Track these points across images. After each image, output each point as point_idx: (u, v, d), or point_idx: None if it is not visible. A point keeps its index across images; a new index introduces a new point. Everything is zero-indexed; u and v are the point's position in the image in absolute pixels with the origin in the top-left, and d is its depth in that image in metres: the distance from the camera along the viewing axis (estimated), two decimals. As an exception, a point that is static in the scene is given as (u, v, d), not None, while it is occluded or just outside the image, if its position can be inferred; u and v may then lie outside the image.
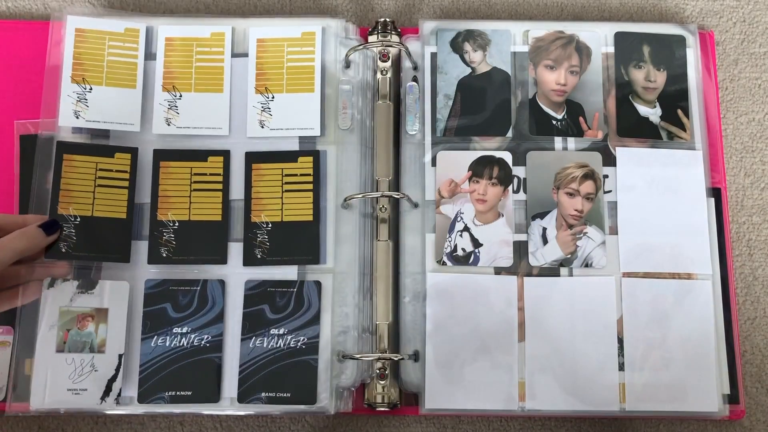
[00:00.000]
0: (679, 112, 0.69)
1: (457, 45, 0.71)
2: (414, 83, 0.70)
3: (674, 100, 0.70)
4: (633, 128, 0.69)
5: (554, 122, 0.69)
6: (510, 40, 0.71)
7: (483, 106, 0.69)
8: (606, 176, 0.68)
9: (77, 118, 0.68)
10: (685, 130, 0.69)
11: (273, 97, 0.70)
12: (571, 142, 0.69)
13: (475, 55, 0.70)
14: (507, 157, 0.68)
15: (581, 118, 0.69)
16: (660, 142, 0.69)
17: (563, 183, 0.68)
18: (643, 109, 0.70)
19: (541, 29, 0.71)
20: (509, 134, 0.69)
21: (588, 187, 0.68)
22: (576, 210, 0.67)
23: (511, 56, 0.71)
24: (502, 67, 0.70)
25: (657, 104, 0.70)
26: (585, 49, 0.71)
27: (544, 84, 0.70)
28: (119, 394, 0.64)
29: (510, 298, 0.65)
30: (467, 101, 0.69)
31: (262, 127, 0.69)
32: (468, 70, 0.70)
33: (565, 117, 0.69)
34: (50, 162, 0.67)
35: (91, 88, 0.69)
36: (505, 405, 0.64)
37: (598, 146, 0.69)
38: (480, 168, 0.68)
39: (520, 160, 0.68)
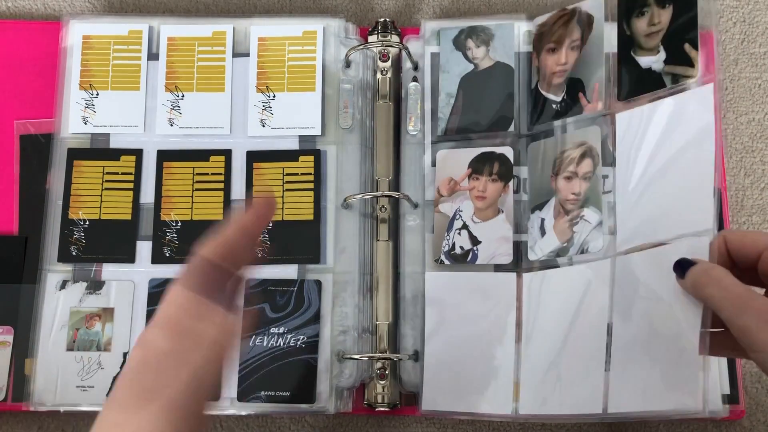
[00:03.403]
0: (687, 46, 0.61)
1: (459, 42, 0.70)
2: (416, 83, 0.70)
3: (681, 34, 0.62)
4: (634, 87, 0.63)
5: (554, 106, 0.67)
6: (513, 32, 0.69)
7: (485, 102, 0.69)
8: (606, 176, 0.66)
9: (85, 124, 0.69)
10: (693, 66, 0.60)
11: (274, 96, 0.70)
12: (571, 122, 0.66)
13: (478, 51, 0.70)
14: (508, 152, 0.68)
15: (581, 94, 0.66)
16: (663, 91, 0.61)
17: (562, 167, 0.65)
18: (645, 60, 0.63)
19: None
20: (511, 129, 0.68)
21: (586, 166, 0.64)
22: (574, 194, 0.64)
23: (515, 50, 0.69)
24: (506, 61, 0.69)
25: (660, 48, 0.63)
26: (586, 18, 0.66)
27: (546, 68, 0.68)
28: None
29: (509, 296, 0.65)
30: (469, 98, 0.69)
31: (263, 126, 0.69)
32: (470, 67, 0.69)
33: (564, 97, 0.66)
34: (54, 164, 0.68)
35: (97, 94, 0.70)
36: (503, 408, 0.63)
37: (598, 119, 0.65)
38: (480, 165, 0.67)
39: (522, 158, 0.67)
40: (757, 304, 0.43)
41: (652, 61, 0.62)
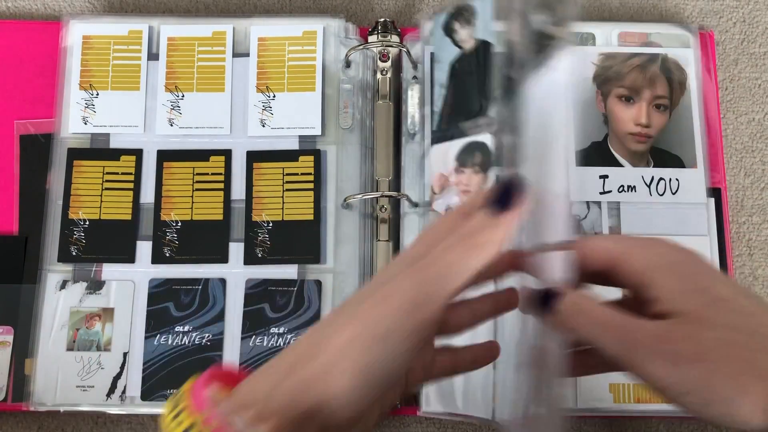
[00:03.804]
0: None
1: (449, 28, 0.67)
2: (416, 83, 0.70)
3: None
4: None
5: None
6: (490, 6, 0.63)
7: (470, 87, 0.66)
8: (606, 176, 0.67)
9: (85, 124, 0.69)
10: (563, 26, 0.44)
11: (274, 96, 0.70)
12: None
13: (464, 33, 0.66)
14: (487, 139, 0.63)
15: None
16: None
17: None
18: (536, 19, 0.44)
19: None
20: (492, 114, 0.64)
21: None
22: None
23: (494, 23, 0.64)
24: (487, 38, 0.65)
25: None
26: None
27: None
28: (123, 392, 0.64)
29: None
30: (457, 86, 0.67)
31: (263, 126, 0.69)
32: (457, 52, 0.67)
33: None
34: (54, 164, 0.68)
35: (97, 94, 0.70)
36: (484, 411, 0.61)
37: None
38: (465, 156, 0.64)
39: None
40: (640, 335, 0.37)
41: (542, 20, 0.45)
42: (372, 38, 0.70)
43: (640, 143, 0.66)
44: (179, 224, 0.68)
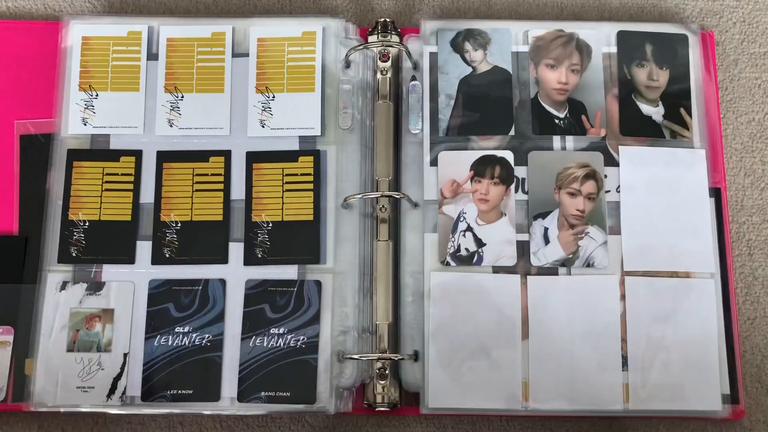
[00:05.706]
0: (682, 110, 0.70)
1: (457, 45, 0.71)
2: (417, 82, 0.70)
3: (677, 98, 0.70)
4: (635, 127, 0.69)
5: (557, 121, 0.69)
6: (510, 38, 0.71)
7: (484, 105, 0.69)
8: (605, 176, 0.68)
9: (85, 125, 0.69)
10: (687, 129, 0.69)
11: (273, 97, 0.70)
12: (571, 141, 0.69)
13: (476, 54, 0.70)
14: (509, 156, 0.68)
15: (583, 117, 0.69)
16: (662, 141, 0.69)
17: (565, 183, 0.67)
18: (645, 108, 0.70)
19: (541, 29, 0.71)
20: (511, 133, 0.69)
21: (589, 187, 0.67)
22: (578, 210, 0.67)
23: (512, 55, 0.71)
24: (503, 66, 0.70)
25: (660, 103, 0.70)
26: (585, 47, 0.71)
27: (546, 83, 0.70)
28: (124, 392, 0.64)
29: (513, 297, 0.65)
30: (468, 100, 0.69)
31: (263, 126, 0.69)
32: (469, 70, 0.70)
33: (567, 116, 0.69)
34: (54, 164, 0.68)
35: (97, 95, 0.70)
36: (507, 404, 0.64)
37: (598, 146, 0.69)
38: (482, 168, 0.68)
39: (521, 160, 0.68)
40: None
41: (652, 111, 0.70)
42: (372, 38, 0.70)
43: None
44: (179, 225, 0.68)
